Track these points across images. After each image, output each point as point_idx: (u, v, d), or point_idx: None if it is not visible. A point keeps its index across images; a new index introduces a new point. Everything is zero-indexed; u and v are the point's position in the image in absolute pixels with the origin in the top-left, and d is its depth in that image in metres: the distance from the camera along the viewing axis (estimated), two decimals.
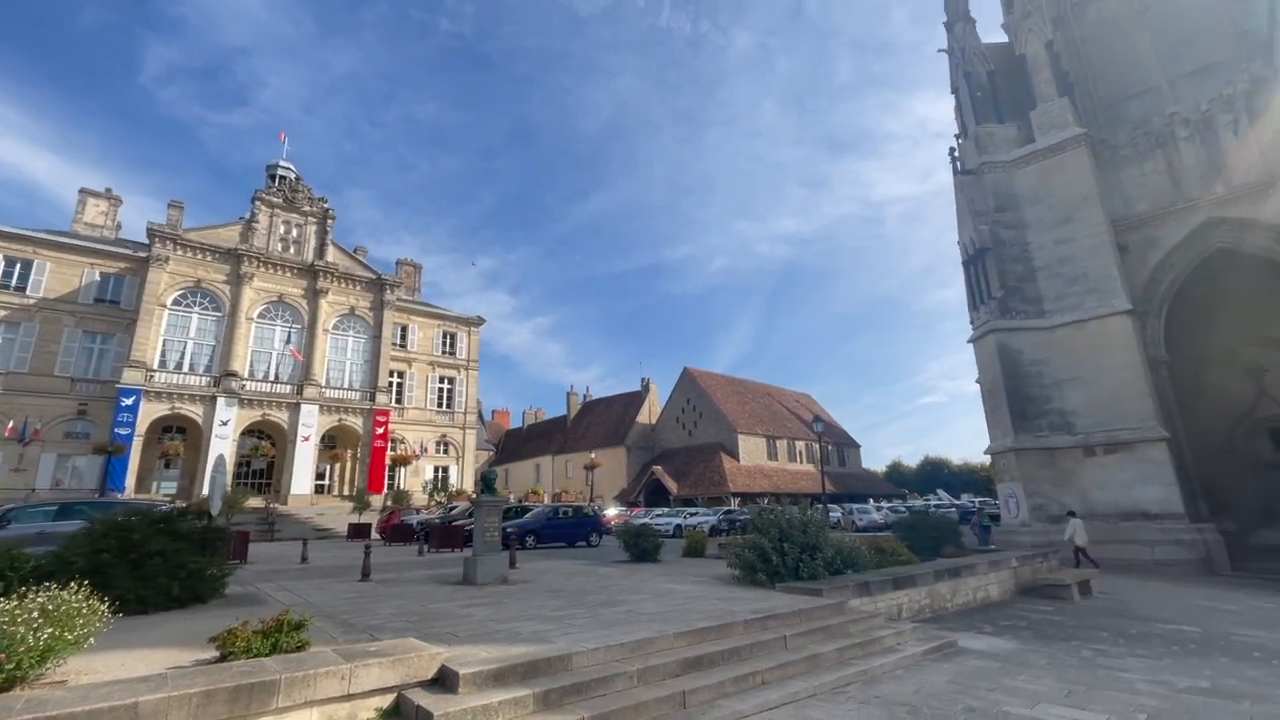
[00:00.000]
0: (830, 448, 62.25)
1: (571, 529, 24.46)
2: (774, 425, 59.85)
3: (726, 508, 39.78)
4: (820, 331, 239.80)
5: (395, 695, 5.16)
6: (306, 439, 36.11)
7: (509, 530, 20.75)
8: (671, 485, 53.17)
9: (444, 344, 46.52)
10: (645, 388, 67.15)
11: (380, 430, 38.88)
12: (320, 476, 38.57)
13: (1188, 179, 22.17)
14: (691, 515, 35.84)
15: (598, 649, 6.08)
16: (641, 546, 15.75)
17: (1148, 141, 23.31)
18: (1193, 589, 15.21)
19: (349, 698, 4.90)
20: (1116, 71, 26.12)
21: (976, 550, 16.81)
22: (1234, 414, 24.32)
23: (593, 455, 50.66)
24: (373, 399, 39.33)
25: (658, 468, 56.11)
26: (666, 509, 42.68)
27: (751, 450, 55.03)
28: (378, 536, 27.66)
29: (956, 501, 48.49)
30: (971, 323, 24.85)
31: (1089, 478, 20.97)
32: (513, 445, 79.80)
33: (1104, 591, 14.17)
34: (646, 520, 29.48)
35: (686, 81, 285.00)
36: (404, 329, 44.40)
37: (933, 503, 46.47)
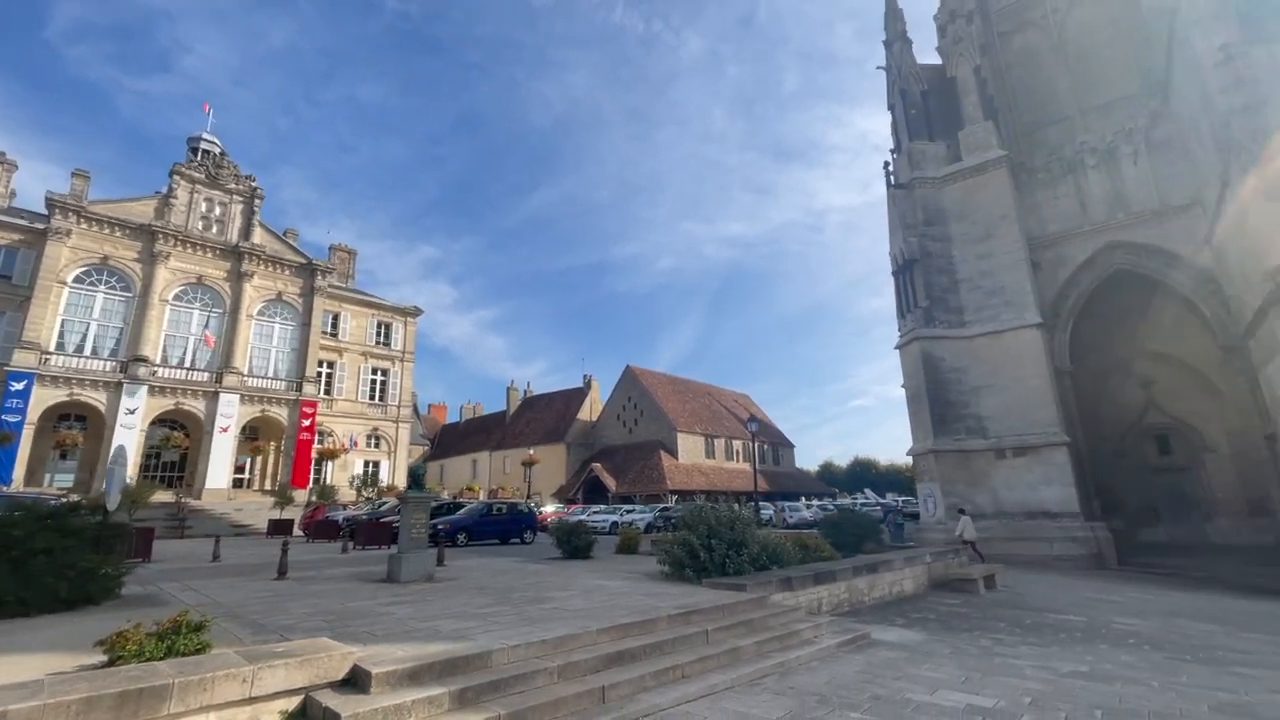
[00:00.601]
0: (765, 447, 63.89)
1: (505, 526, 24.15)
2: (713, 424, 60.88)
3: (663, 505, 40.19)
4: (761, 333, 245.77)
5: (303, 697, 4.97)
6: (225, 430, 34.11)
7: (439, 527, 20.33)
8: (610, 482, 53.26)
9: (378, 334, 44.90)
10: (587, 384, 66.97)
11: (307, 422, 37.17)
12: (240, 470, 36.53)
13: (1094, 204, 24.01)
14: (628, 512, 36.01)
15: (518, 646, 6.05)
16: (574, 544, 15.72)
17: (1061, 166, 25.09)
18: (1084, 582, 16.50)
19: (250, 701, 4.68)
20: (1037, 99, 27.98)
21: (894, 547, 17.67)
22: (1126, 421, 26.58)
23: (531, 452, 50.21)
24: (299, 389, 37.55)
25: (597, 465, 56.09)
26: (604, 506, 42.73)
27: (690, 449, 55.80)
28: (301, 533, 26.49)
29: (882, 500, 50.73)
30: (899, 330, 26.05)
31: (1000, 479, 22.39)
32: (449, 440, 77.93)
33: (1007, 585, 15.17)
34: (583, 517, 29.45)
35: (639, 80, 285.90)
36: (335, 317, 42.57)
37: (860, 501, 48.44)
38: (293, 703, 4.92)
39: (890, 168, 28.02)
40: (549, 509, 39.28)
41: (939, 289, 24.87)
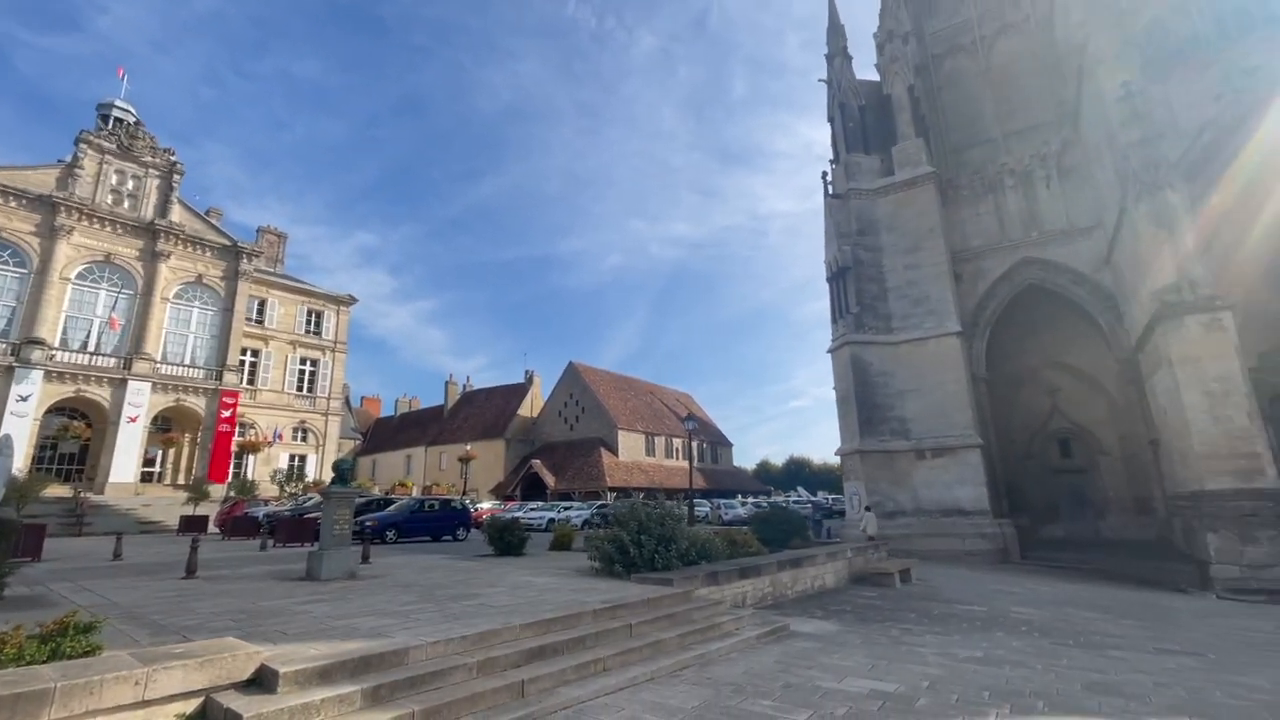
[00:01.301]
0: (704, 445, 64.96)
1: (437, 522, 23.64)
2: (654, 422, 61.41)
3: (601, 502, 40.29)
4: (706, 333, 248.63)
5: (202, 699, 4.77)
6: (133, 420, 31.87)
7: (367, 523, 19.74)
8: (549, 479, 52.93)
9: (309, 322, 42.95)
10: (528, 380, 66.22)
11: (227, 413, 35.18)
12: (150, 463, 34.17)
13: (1010, 222, 25.65)
14: (565, 509, 35.92)
15: (437, 642, 6.00)
16: (507, 540, 15.57)
17: (983, 185, 26.68)
18: (990, 575, 17.66)
19: (144, 704, 4.46)
20: (965, 120, 29.64)
21: (821, 542, 18.39)
22: (1034, 426, 28.55)
23: (468, 447, 49.30)
24: (219, 378, 35.49)
25: (537, 461, 55.60)
26: (542, 503, 42.46)
27: (631, 446, 56.10)
28: (216, 530, 25.11)
29: (813, 498, 52.48)
30: (832, 335, 27.02)
31: (920, 478, 23.61)
32: (383, 434, 75.41)
33: (921, 578, 16.06)
34: (519, 514, 29.21)
35: (591, 75, 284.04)
36: (262, 303, 40.45)
37: (792, 499, 49.95)
38: (191, 705, 4.72)
39: (829, 178, 28.98)
40: (485, 506, 38.67)
41: (869, 296, 25.97)
